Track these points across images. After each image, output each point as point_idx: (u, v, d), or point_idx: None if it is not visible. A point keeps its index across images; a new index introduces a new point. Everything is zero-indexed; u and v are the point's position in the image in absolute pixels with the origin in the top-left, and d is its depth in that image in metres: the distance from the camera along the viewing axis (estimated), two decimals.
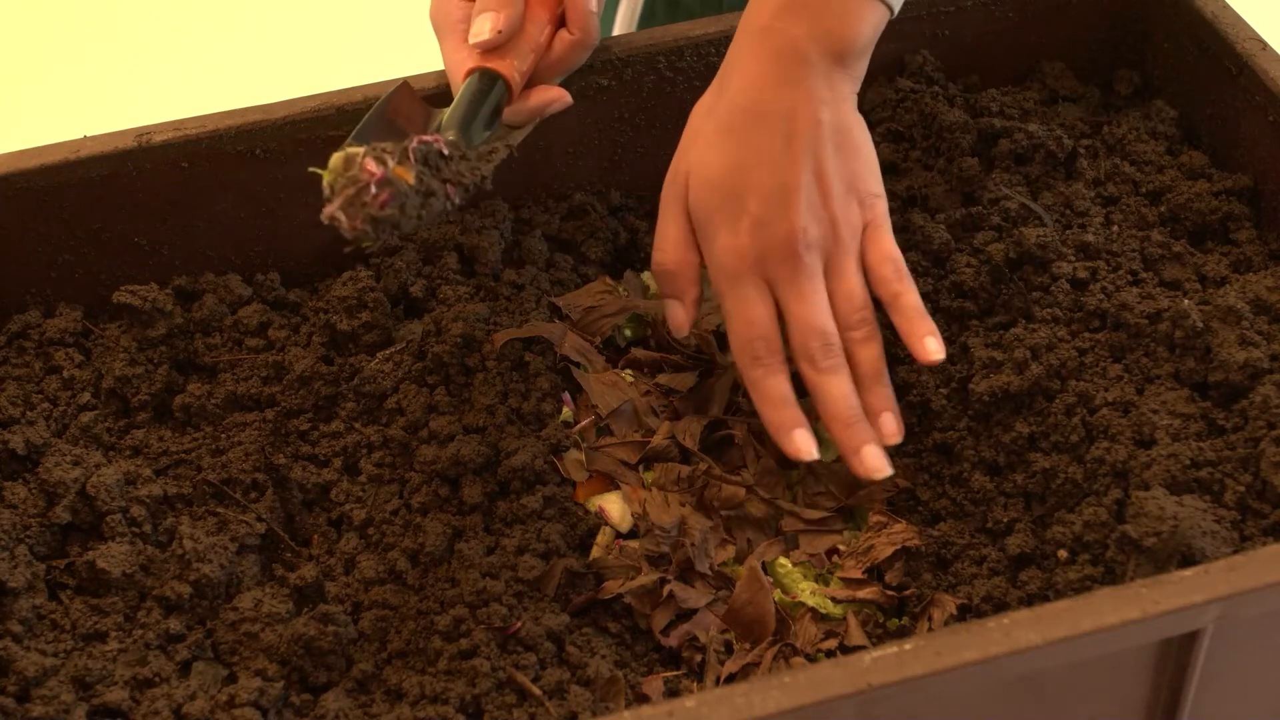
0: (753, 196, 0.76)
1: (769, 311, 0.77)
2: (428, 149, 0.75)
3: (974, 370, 0.84)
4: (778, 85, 0.77)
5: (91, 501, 0.79)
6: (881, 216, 0.78)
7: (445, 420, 0.83)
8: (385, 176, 0.72)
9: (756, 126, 0.77)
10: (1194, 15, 0.95)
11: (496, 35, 0.81)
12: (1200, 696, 0.68)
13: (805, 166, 0.76)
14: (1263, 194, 0.91)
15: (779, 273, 0.76)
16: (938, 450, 0.85)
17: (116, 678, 0.73)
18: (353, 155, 0.73)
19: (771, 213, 0.76)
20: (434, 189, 0.74)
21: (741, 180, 0.76)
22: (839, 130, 0.77)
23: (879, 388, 0.77)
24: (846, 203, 0.77)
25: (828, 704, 0.60)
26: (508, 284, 0.92)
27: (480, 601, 0.76)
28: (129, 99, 2.40)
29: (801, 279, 0.76)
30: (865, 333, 0.77)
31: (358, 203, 0.72)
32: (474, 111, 0.81)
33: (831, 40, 0.77)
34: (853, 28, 0.77)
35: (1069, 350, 0.82)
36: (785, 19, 0.77)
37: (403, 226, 0.73)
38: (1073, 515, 0.77)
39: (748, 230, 0.76)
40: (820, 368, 0.76)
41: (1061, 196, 0.91)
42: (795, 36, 0.76)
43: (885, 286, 0.78)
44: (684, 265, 0.80)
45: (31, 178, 0.87)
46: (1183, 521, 0.69)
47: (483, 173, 0.77)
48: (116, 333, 0.88)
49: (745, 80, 0.78)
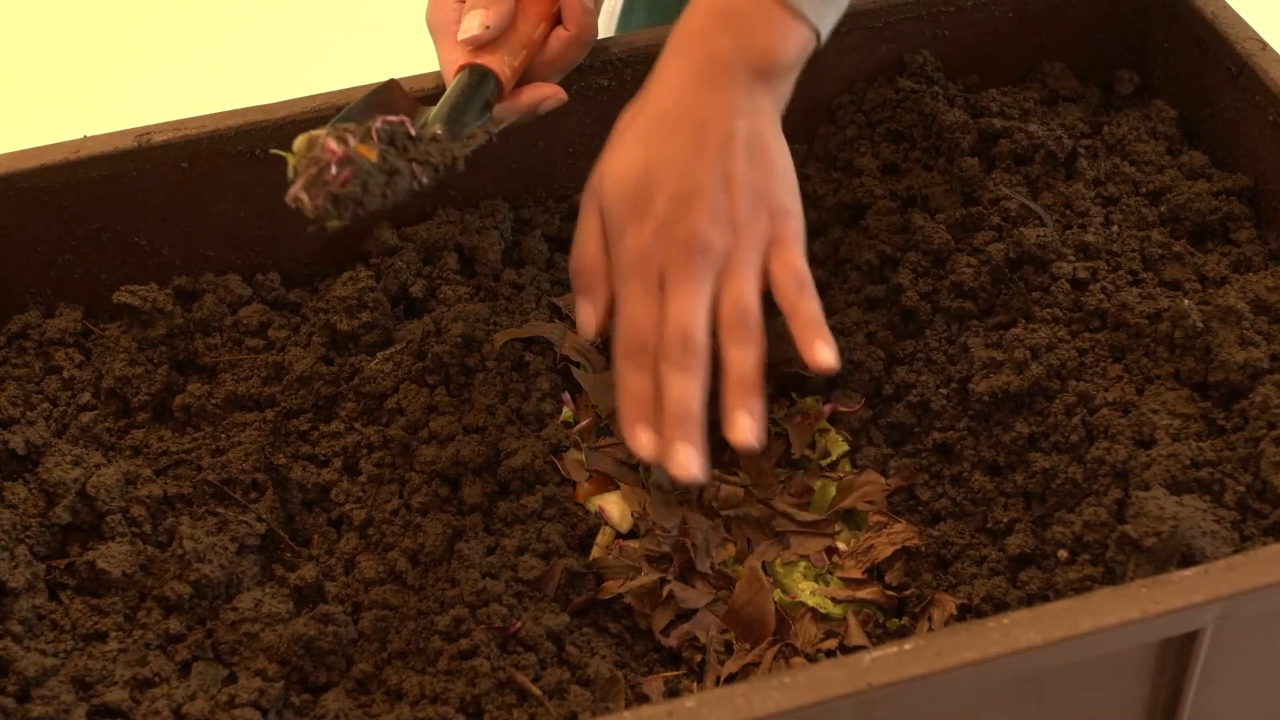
0: (660, 197, 0.76)
1: (652, 311, 0.77)
2: (393, 129, 0.75)
3: (974, 370, 0.84)
4: (696, 92, 0.77)
5: (91, 501, 0.79)
6: (792, 233, 0.78)
7: (445, 420, 0.83)
8: (346, 155, 0.73)
9: (672, 130, 0.77)
10: (1194, 15, 0.95)
11: (484, 31, 0.82)
12: (1200, 696, 0.68)
13: (714, 171, 0.76)
14: (1263, 194, 0.91)
15: (671, 273, 0.76)
16: (938, 450, 0.85)
17: (116, 678, 0.73)
18: (315, 136, 0.74)
19: (676, 213, 0.76)
20: (399, 168, 0.74)
21: (651, 181, 0.77)
22: (754, 142, 0.77)
23: (743, 390, 0.75)
24: (754, 213, 0.77)
25: (828, 704, 0.60)
26: (508, 284, 0.92)
27: (480, 601, 0.76)
28: (129, 99, 2.40)
29: (689, 280, 0.76)
30: (742, 336, 0.75)
31: (319, 181, 0.73)
32: (462, 105, 0.81)
33: (756, 55, 0.77)
34: (778, 45, 0.77)
35: (1069, 350, 0.82)
36: (713, 30, 0.77)
37: (366, 205, 0.74)
38: (1073, 515, 0.77)
39: (652, 230, 0.76)
40: (671, 363, 0.75)
41: (1061, 196, 0.91)
42: (720, 48, 0.77)
43: (785, 298, 0.77)
44: (594, 266, 0.80)
45: (31, 178, 0.87)
46: (1183, 521, 0.69)
47: (454, 153, 0.78)
48: (116, 333, 0.88)
49: (666, 87, 0.78)
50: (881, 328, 0.90)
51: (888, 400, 0.88)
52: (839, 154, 0.97)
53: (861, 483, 0.85)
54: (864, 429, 0.88)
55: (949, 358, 0.86)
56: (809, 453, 0.87)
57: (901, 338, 0.89)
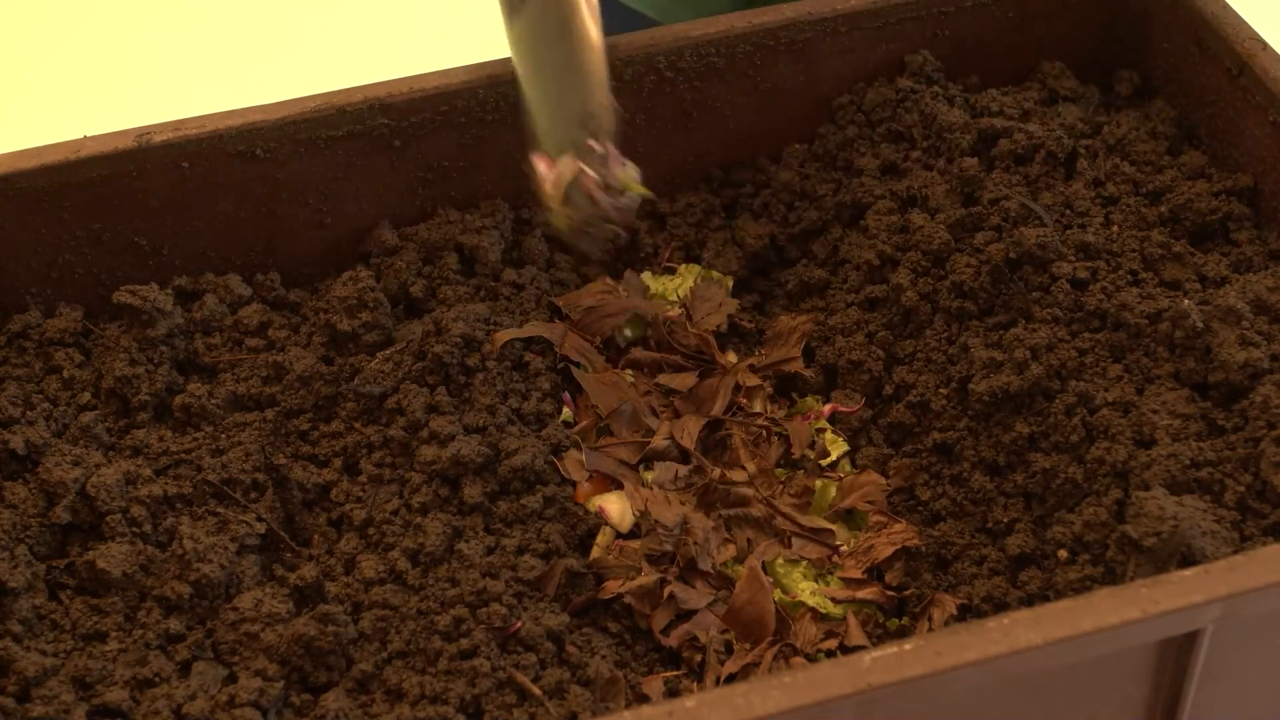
0: None
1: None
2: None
3: (974, 370, 0.84)
4: None
5: (91, 501, 0.79)
6: None
7: (445, 420, 0.83)
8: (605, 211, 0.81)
9: None
10: (1194, 15, 0.95)
11: None
12: (1200, 696, 0.68)
13: None
14: (1263, 194, 0.91)
15: None
16: (938, 450, 0.85)
17: (116, 678, 0.73)
18: (575, 167, 0.80)
19: None
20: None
21: None
22: None
23: None
24: None
25: (828, 704, 0.60)
26: (508, 284, 0.92)
27: (480, 601, 0.76)
28: (129, 99, 2.40)
29: None
30: None
31: (586, 211, 0.80)
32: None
33: None
34: None
35: (1069, 350, 0.82)
36: None
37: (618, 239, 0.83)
38: (1073, 515, 0.77)
39: None
40: None
41: (1061, 196, 0.91)
42: None
43: None
44: None
45: (31, 178, 0.87)
46: (1183, 521, 0.69)
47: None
48: (116, 333, 0.88)
49: None
50: (881, 328, 0.90)
51: (887, 400, 0.88)
52: (839, 154, 0.97)
53: (862, 483, 0.85)
54: (864, 429, 0.88)
55: (949, 358, 0.86)
56: (809, 452, 0.87)
57: (901, 338, 0.89)
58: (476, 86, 0.91)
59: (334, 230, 0.94)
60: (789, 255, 0.97)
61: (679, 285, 0.95)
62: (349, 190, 0.93)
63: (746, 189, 0.99)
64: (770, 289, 0.97)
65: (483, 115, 0.92)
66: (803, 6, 0.95)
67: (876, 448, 0.87)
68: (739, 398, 0.90)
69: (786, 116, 0.98)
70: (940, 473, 0.84)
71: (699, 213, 0.98)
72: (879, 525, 0.82)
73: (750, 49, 0.95)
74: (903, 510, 0.84)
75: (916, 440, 0.86)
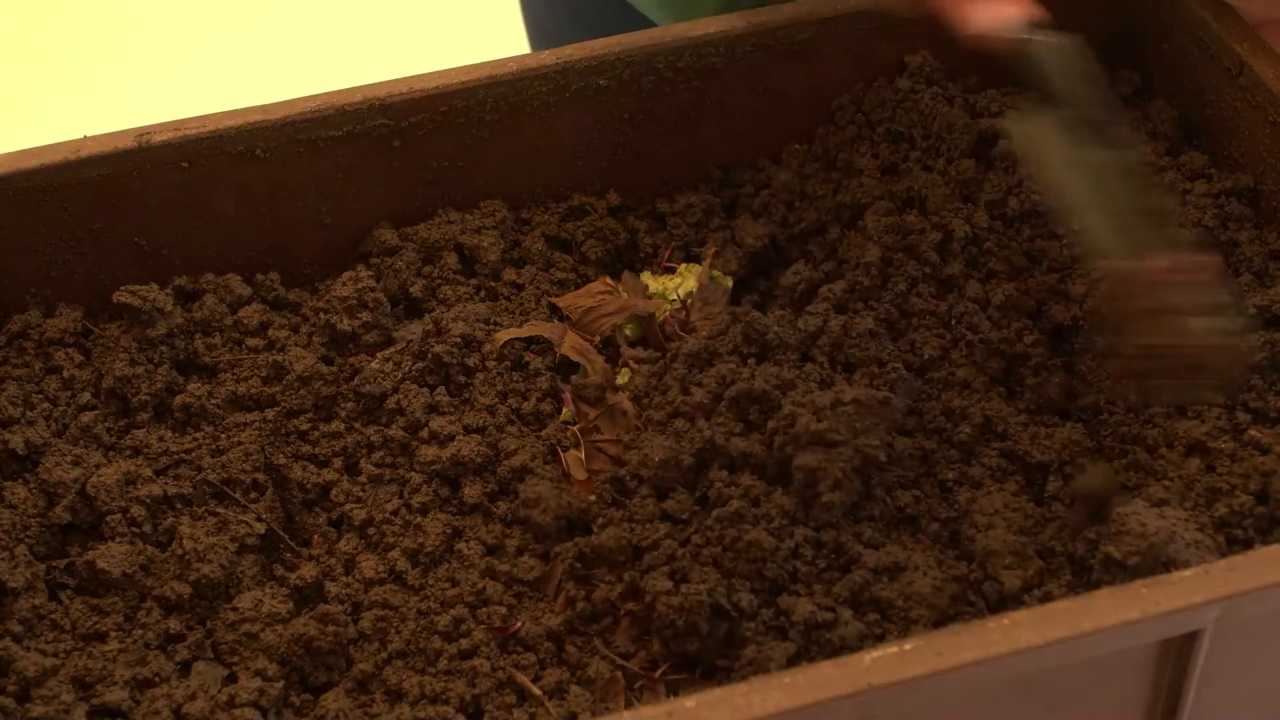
0: None
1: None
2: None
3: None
4: None
5: (91, 501, 0.79)
6: None
7: (445, 420, 0.83)
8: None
9: None
10: (1194, 15, 0.95)
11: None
12: (1200, 696, 0.68)
13: None
14: (1263, 194, 0.91)
15: None
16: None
17: (116, 678, 0.73)
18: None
19: None
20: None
21: None
22: None
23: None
24: None
25: (828, 704, 0.59)
26: (508, 284, 0.92)
27: (480, 601, 0.76)
28: (129, 99, 2.40)
29: None
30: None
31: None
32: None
33: None
34: None
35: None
36: None
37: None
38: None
39: None
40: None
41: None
42: None
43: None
44: None
45: (31, 178, 0.87)
46: (1164, 535, 0.69)
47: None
48: (116, 333, 0.88)
49: None
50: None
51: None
52: (838, 154, 0.97)
53: None
54: None
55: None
56: None
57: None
58: (476, 87, 0.91)
59: (334, 230, 0.94)
60: (789, 255, 0.97)
61: (679, 285, 0.95)
62: (349, 190, 0.93)
63: (746, 189, 0.99)
64: (770, 289, 0.97)
65: (482, 115, 0.92)
66: (803, 6, 0.95)
67: None
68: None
69: (786, 116, 0.98)
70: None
71: (699, 213, 0.98)
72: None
73: (750, 49, 0.95)
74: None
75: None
